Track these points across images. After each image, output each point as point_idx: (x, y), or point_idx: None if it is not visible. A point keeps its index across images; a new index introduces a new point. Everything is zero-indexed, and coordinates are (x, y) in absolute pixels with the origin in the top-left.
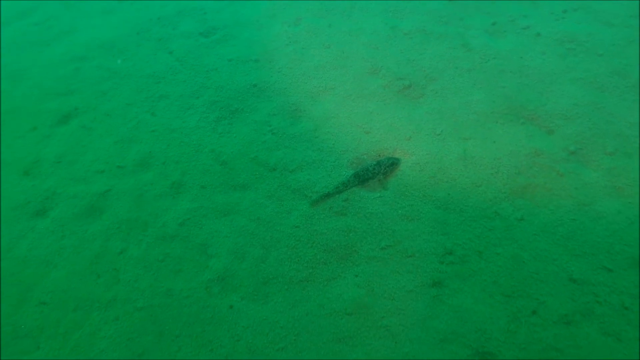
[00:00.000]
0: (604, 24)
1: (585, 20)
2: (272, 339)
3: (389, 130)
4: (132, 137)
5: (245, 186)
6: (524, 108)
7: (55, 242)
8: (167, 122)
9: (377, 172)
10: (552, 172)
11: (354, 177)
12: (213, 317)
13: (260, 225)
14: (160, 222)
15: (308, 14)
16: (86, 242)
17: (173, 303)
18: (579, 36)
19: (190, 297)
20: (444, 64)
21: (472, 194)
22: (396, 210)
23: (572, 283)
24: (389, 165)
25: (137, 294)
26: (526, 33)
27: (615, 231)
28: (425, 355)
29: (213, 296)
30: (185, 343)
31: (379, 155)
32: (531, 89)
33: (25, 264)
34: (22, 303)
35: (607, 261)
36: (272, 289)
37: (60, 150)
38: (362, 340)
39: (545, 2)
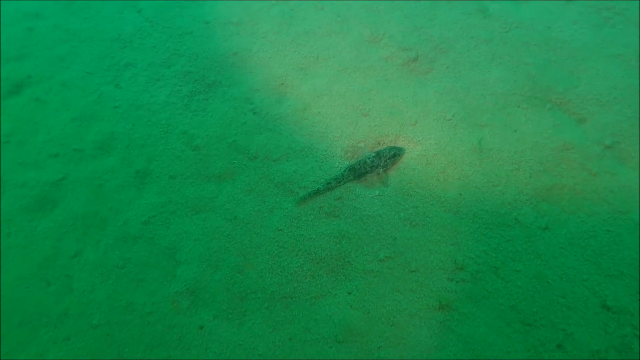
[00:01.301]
0: None
1: None
2: None
3: (391, 113)
4: (93, 114)
5: (221, 177)
6: (551, 90)
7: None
8: (133, 96)
9: (376, 164)
10: (583, 170)
11: (349, 171)
12: (180, 339)
13: (237, 226)
14: (121, 219)
15: None
16: (35, 242)
17: (134, 320)
18: (617, 2)
19: (154, 313)
20: (456, 33)
21: (488, 195)
22: (398, 213)
23: (606, 311)
24: (391, 156)
25: (93, 308)
26: None
27: None
28: None
29: (181, 313)
30: None
31: (379, 144)
32: (560, 66)
33: None
34: None
35: None
36: (250, 306)
37: (9, 127)
38: None
39: None
